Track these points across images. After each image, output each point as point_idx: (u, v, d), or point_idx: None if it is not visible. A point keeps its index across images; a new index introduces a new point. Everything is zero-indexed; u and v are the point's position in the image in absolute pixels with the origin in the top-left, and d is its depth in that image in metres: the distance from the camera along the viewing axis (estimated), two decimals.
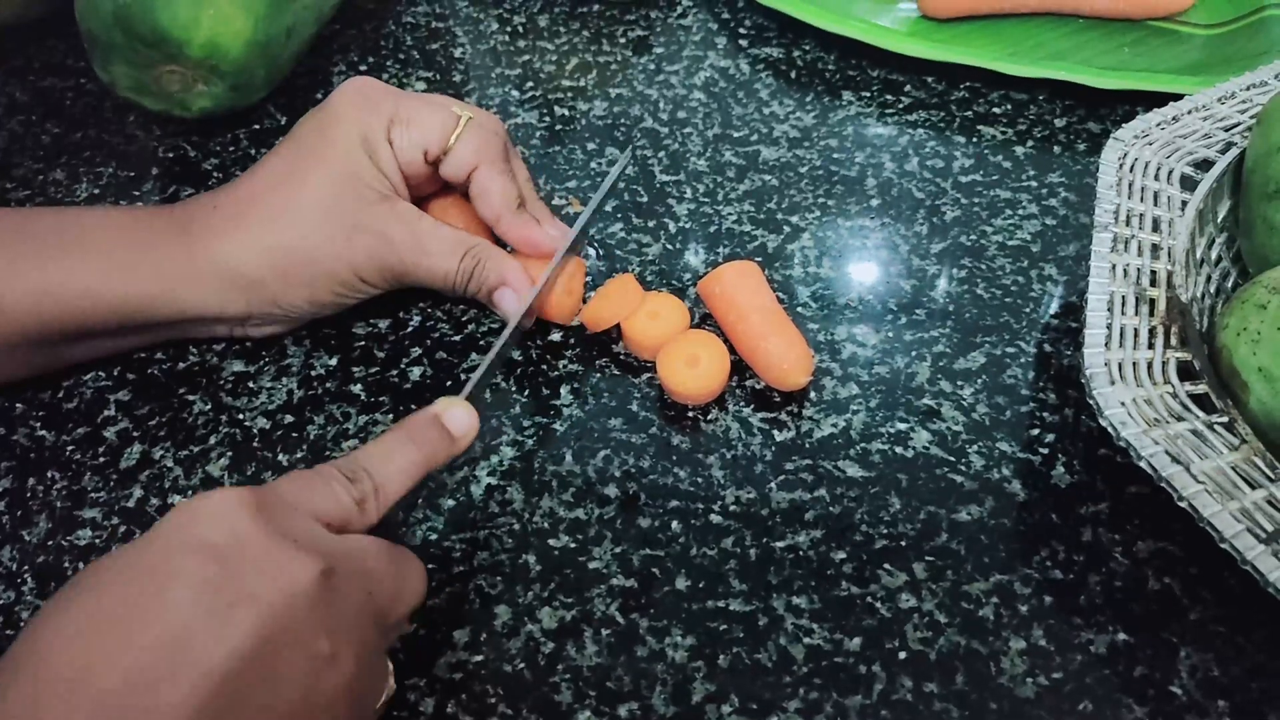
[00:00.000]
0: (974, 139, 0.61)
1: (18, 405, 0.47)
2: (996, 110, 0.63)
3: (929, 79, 0.65)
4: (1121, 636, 0.39)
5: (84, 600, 0.29)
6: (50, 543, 0.42)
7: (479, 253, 0.47)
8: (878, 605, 0.40)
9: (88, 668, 0.27)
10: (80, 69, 0.66)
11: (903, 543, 0.42)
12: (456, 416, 0.39)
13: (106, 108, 0.63)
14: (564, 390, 0.48)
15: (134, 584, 0.29)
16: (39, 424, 0.47)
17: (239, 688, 0.28)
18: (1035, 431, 0.46)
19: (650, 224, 0.55)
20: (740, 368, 0.48)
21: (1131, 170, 0.46)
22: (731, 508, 0.43)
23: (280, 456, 0.45)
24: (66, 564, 0.42)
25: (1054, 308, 0.51)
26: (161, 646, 0.27)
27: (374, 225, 0.45)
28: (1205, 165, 0.47)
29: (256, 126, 0.62)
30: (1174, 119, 0.49)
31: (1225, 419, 0.38)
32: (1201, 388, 0.39)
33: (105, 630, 0.28)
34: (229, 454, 0.45)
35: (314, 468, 0.35)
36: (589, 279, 0.52)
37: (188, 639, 0.28)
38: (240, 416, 0.47)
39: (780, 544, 0.42)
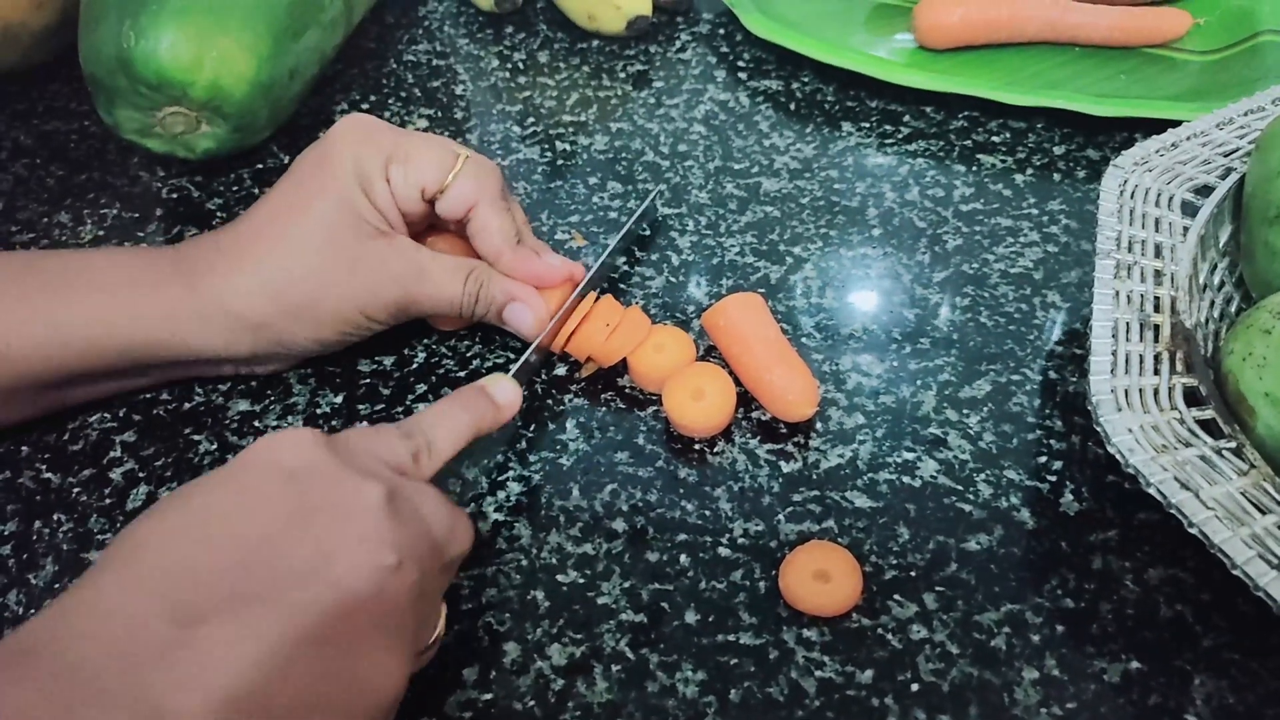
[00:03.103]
0: (974, 168, 0.61)
1: (23, 448, 0.47)
2: (995, 139, 0.63)
3: (927, 109, 0.65)
4: (1135, 665, 0.39)
5: (171, 510, 0.32)
6: (57, 586, 0.42)
7: (481, 275, 0.47)
8: (889, 637, 0.40)
9: (184, 563, 0.30)
10: (84, 112, 0.66)
11: (912, 573, 0.42)
12: (501, 387, 0.43)
13: (110, 150, 0.64)
14: (570, 425, 0.48)
15: (220, 497, 0.33)
16: (44, 466, 0.47)
17: (316, 587, 0.31)
18: (1043, 459, 0.46)
19: (653, 257, 0.56)
20: (746, 399, 0.48)
21: (1132, 197, 0.47)
22: (740, 540, 0.43)
23: None
24: None
25: (1058, 335, 0.51)
26: (246, 546, 0.31)
27: (374, 261, 0.45)
28: (1205, 191, 0.48)
29: (260, 166, 0.62)
30: (1173, 145, 0.49)
31: (1233, 444, 0.38)
32: (1208, 413, 0.39)
33: (196, 536, 0.31)
34: None
35: (373, 426, 0.39)
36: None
37: (269, 542, 0.31)
38: None
39: None
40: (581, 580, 0.42)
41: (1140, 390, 0.39)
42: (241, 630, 0.29)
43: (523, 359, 0.45)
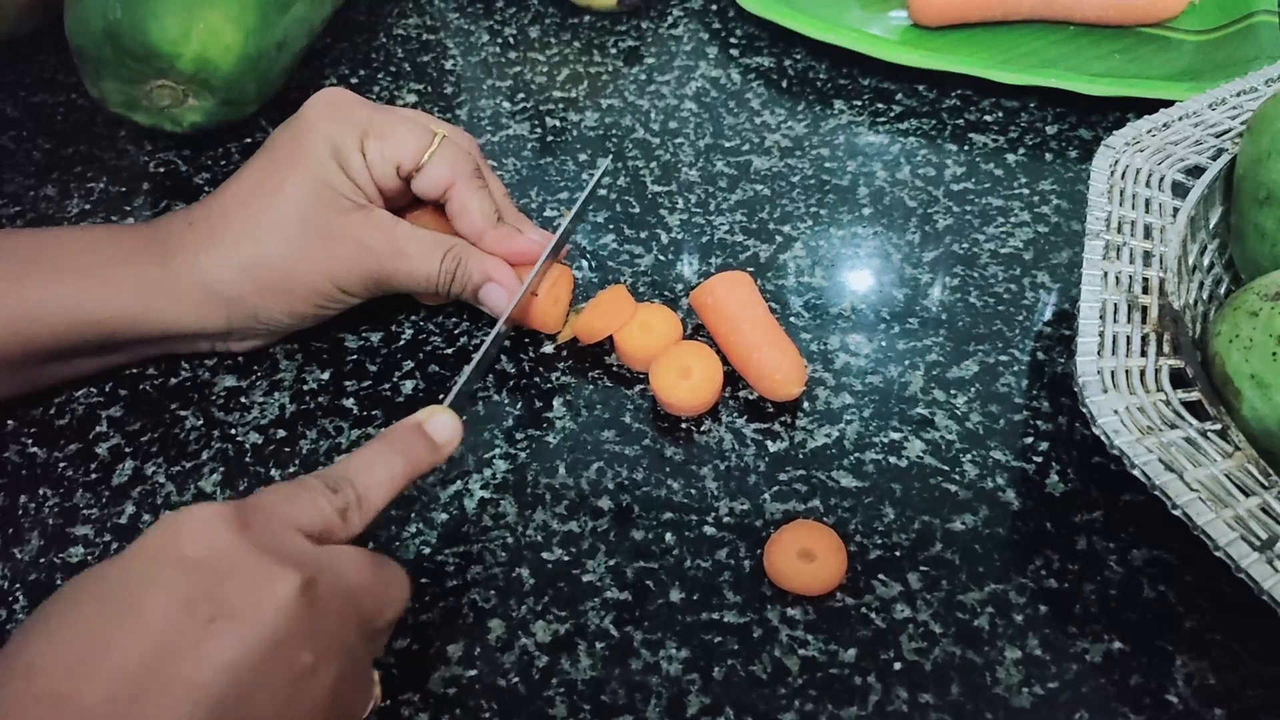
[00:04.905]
0: (965, 147, 0.61)
1: (9, 422, 0.47)
2: (988, 118, 0.63)
3: (920, 87, 0.65)
4: (1117, 645, 0.39)
5: (66, 617, 0.29)
6: (42, 560, 0.42)
7: (459, 252, 0.47)
8: (872, 616, 0.40)
9: (73, 684, 0.27)
10: (71, 84, 0.66)
11: (897, 553, 0.42)
12: (439, 424, 0.39)
13: (97, 123, 0.63)
14: (556, 403, 0.48)
15: (115, 600, 0.29)
16: (30, 441, 0.46)
17: (221, 701, 0.28)
18: (1029, 440, 0.46)
19: (642, 235, 0.55)
20: (733, 378, 0.48)
21: (1123, 177, 0.46)
22: (725, 519, 0.43)
23: (273, 471, 0.45)
24: (59, 581, 0.42)
25: (1047, 315, 0.51)
26: (143, 662, 0.28)
27: (350, 234, 0.45)
28: (1196, 172, 0.48)
29: (248, 140, 0.62)
30: (1165, 125, 0.49)
31: (1218, 426, 0.38)
32: (1194, 395, 0.39)
33: (88, 646, 0.28)
34: (221, 469, 0.45)
35: (296, 479, 0.35)
36: (579, 289, 0.52)
37: (169, 654, 0.28)
38: (232, 431, 0.47)
39: None
40: (567, 558, 0.42)
41: (1127, 371, 0.39)
42: None
43: (459, 384, 0.42)
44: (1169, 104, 0.51)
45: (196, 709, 0.27)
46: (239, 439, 0.46)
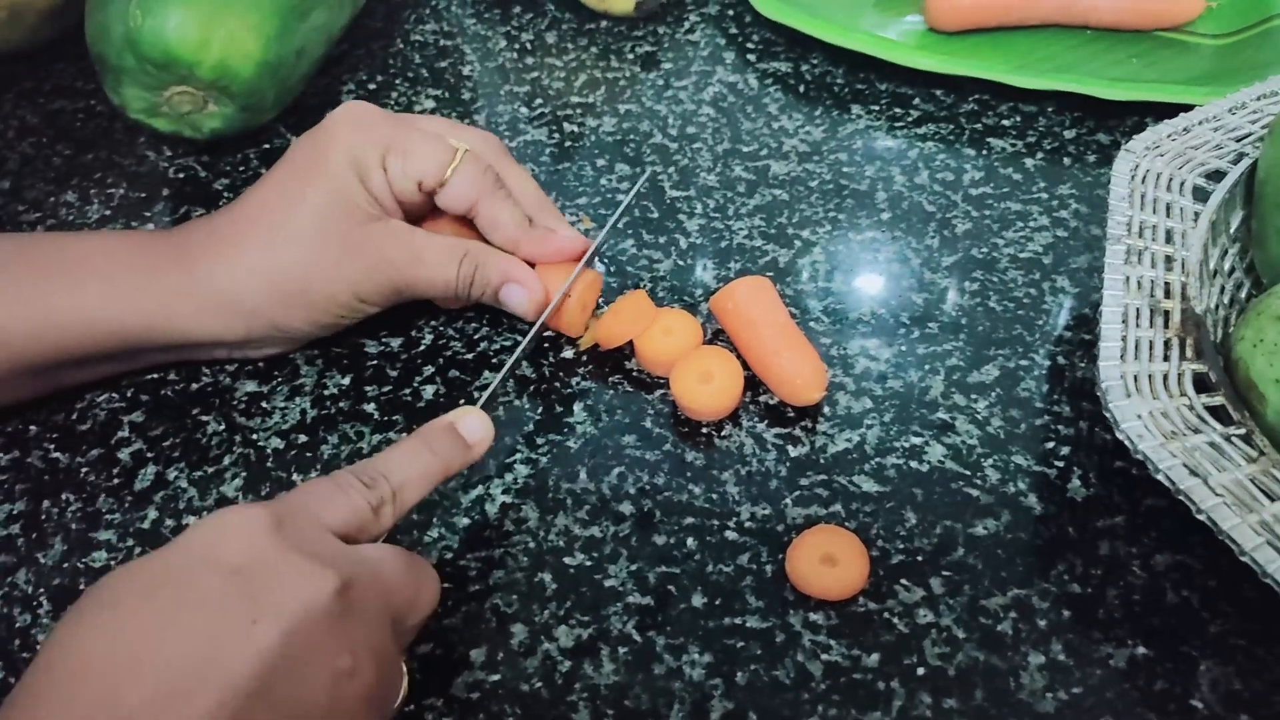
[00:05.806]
0: (983, 151, 0.61)
1: (31, 427, 0.47)
2: (1006, 122, 0.63)
3: (937, 92, 0.65)
4: (1141, 650, 0.39)
5: (106, 618, 0.29)
6: (65, 565, 0.42)
7: (475, 256, 0.47)
8: (895, 621, 0.40)
9: (115, 686, 0.28)
10: (90, 91, 0.66)
11: (919, 558, 0.42)
12: (471, 424, 0.40)
13: (117, 129, 0.63)
14: (577, 407, 0.48)
15: (158, 603, 0.29)
16: (53, 446, 0.47)
17: (265, 702, 0.28)
18: (1050, 445, 0.46)
19: (661, 240, 0.55)
20: (754, 383, 0.48)
21: (1143, 182, 0.46)
22: (747, 524, 0.43)
23: (294, 476, 0.45)
24: (82, 586, 0.42)
25: (1066, 320, 0.51)
26: (186, 663, 0.28)
27: (368, 245, 0.45)
28: (1217, 176, 0.47)
29: (267, 146, 0.62)
30: (1185, 130, 0.49)
31: (1242, 431, 0.38)
32: (1218, 399, 0.39)
33: (130, 649, 0.28)
34: (243, 474, 0.45)
35: (332, 474, 0.36)
36: (600, 296, 0.52)
37: (212, 655, 0.28)
38: (254, 436, 0.47)
39: None
40: (589, 563, 0.42)
41: (1150, 376, 0.39)
42: None
43: (494, 384, 0.43)
44: (1187, 108, 0.51)
45: (240, 709, 0.28)
46: (260, 444, 0.47)
